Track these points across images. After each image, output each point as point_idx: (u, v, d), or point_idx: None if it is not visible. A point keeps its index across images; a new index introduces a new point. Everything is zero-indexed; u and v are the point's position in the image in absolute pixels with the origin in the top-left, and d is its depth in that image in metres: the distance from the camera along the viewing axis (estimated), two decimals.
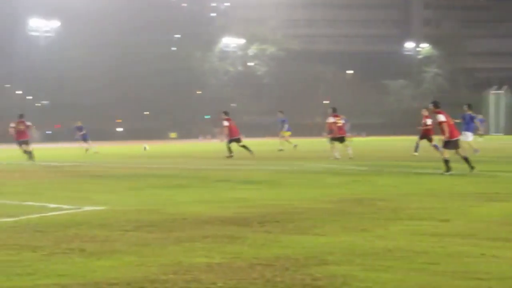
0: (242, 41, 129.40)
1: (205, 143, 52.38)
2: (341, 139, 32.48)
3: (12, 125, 34.47)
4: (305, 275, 7.22)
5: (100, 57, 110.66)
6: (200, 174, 23.50)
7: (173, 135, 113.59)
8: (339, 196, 15.17)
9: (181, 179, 20.98)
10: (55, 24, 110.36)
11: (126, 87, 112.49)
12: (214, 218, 11.64)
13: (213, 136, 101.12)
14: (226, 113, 36.57)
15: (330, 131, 32.84)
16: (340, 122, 32.97)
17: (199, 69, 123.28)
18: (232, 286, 6.86)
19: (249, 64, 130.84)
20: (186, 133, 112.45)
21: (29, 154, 33.34)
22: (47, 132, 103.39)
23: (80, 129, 48.45)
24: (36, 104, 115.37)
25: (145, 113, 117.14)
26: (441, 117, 21.44)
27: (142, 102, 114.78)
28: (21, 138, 34.17)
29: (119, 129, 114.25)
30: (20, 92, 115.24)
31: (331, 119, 32.60)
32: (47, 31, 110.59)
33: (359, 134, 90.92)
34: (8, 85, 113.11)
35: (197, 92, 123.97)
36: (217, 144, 49.77)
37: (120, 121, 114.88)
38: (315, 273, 7.30)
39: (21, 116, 35.13)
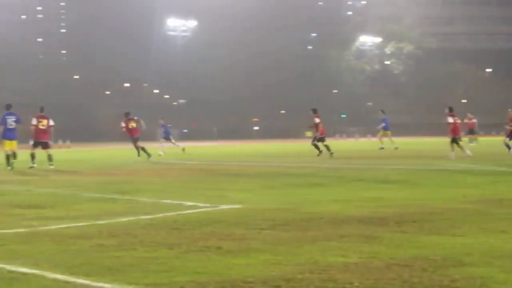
0: (378, 39, 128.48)
1: (341, 142, 52.08)
2: (455, 140, 31.86)
3: (123, 124, 35.00)
4: (443, 276, 6.99)
5: (236, 56, 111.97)
6: (336, 173, 23.33)
7: (308, 133, 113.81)
8: (478, 196, 14.72)
9: (317, 177, 20.87)
10: (192, 23, 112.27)
11: (262, 86, 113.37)
12: (350, 217, 11.47)
13: (349, 135, 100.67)
14: (315, 110, 36.26)
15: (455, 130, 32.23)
16: (458, 121, 32.55)
17: (335, 68, 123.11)
18: (368, 286, 6.70)
19: (385, 62, 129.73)
20: None
21: (143, 150, 34.12)
22: (183, 130, 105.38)
23: (164, 127, 48.02)
24: (173, 103, 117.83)
25: (281, 112, 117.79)
26: None
27: (278, 100, 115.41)
28: (135, 135, 34.85)
29: (256, 128, 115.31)
30: (157, 91, 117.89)
31: (450, 119, 32.00)
32: (184, 31, 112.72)
33: (497, 133, 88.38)
34: (146, 84, 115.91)
35: (333, 91, 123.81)
36: (354, 143, 49.33)
37: (256, 120, 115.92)
38: (453, 275, 7.06)
39: (127, 114, 35.67)
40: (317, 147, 35.12)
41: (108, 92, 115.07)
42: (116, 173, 24.51)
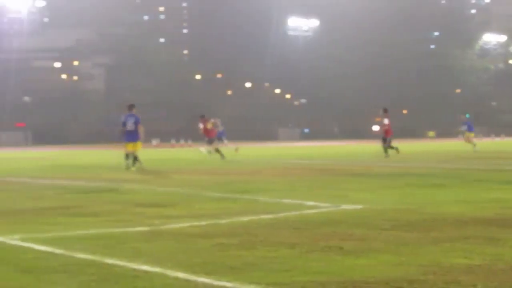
0: (503, 38, 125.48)
1: (462, 143, 51.24)
2: None
3: (201, 126, 36.00)
4: None
5: (357, 56, 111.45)
6: (457, 173, 22.92)
7: (431, 134, 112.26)
8: None
9: (438, 178, 20.54)
10: (313, 23, 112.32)
11: (384, 85, 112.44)
12: (474, 218, 11.22)
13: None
14: (386, 110, 35.51)
15: None
16: None
17: (458, 67, 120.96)
18: None
19: (510, 62, 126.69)
20: (444, 132, 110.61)
21: (217, 151, 34.86)
22: (305, 130, 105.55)
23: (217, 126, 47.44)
24: (294, 103, 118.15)
25: (403, 111, 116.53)
26: None
27: (400, 100, 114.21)
28: (211, 136, 35.93)
29: (375, 128, 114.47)
30: (279, 90, 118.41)
31: None
32: (305, 30, 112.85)
33: None
34: (267, 84, 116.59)
35: (456, 91, 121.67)
36: (479, 143, 48.27)
37: (378, 119, 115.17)
38: None
39: (203, 116, 36.90)
40: (386, 150, 34.60)
41: (229, 92, 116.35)
42: (237, 172, 24.69)
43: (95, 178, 22.11)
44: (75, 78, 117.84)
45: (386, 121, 35.14)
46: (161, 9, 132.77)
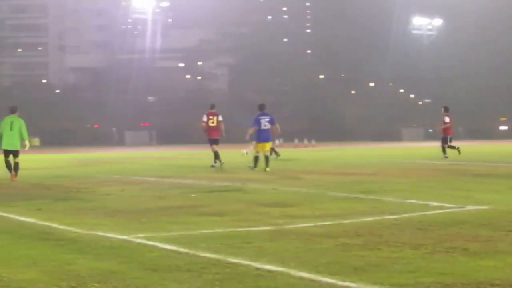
0: None
1: None
2: None
3: (204, 119, 29.16)
4: None
5: (481, 55, 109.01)
6: None
7: None
8: None
9: None
10: (437, 22, 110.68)
11: (509, 84, 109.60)
12: None
13: None
14: (446, 108, 34.30)
15: None
16: None
17: None
18: None
19: None
20: None
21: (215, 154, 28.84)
22: (429, 130, 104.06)
23: None
24: (419, 103, 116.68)
25: None
26: None
27: None
28: (211, 135, 29.11)
29: (503, 128, 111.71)
30: (402, 90, 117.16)
31: None
32: (429, 29, 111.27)
33: None
34: (391, 84, 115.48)
35: None
36: None
37: (504, 119, 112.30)
38: None
39: (212, 106, 29.89)
40: (445, 151, 33.56)
41: (353, 92, 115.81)
42: (361, 172, 24.58)
43: (219, 178, 22.41)
44: (199, 78, 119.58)
45: (446, 119, 34.32)
46: (285, 9, 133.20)
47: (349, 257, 8.22)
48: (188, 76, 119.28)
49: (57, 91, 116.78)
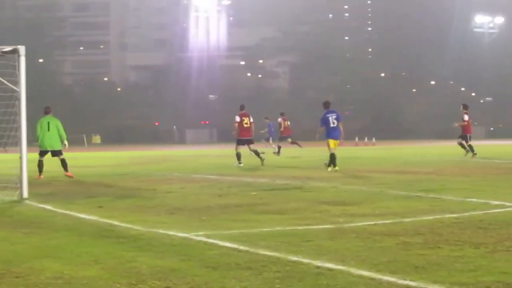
0: None
1: None
2: None
3: (237, 119, 29.22)
4: None
5: None
6: None
7: None
8: None
9: None
10: (499, 20, 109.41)
11: None
12: None
13: None
14: (465, 106, 33.55)
15: None
16: None
17: None
18: None
19: None
20: None
21: (256, 154, 29.36)
22: (490, 128, 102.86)
23: (268, 126, 45.37)
24: (480, 101, 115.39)
25: None
26: None
27: None
28: (245, 136, 29.34)
29: None
30: (463, 88, 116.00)
31: None
32: (491, 28, 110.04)
33: None
34: (452, 82, 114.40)
35: None
36: None
37: None
38: None
39: (242, 107, 30.27)
40: (466, 147, 32.83)
41: (414, 90, 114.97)
42: (421, 171, 24.40)
43: (279, 176, 22.43)
44: (260, 76, 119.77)
45: (465, 117, 33.66)
46: (346, 7, 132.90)
47: (409, 255, 8.19)
48: (249, 74, 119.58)
49: (119, 89, 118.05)
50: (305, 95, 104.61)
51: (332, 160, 25.48)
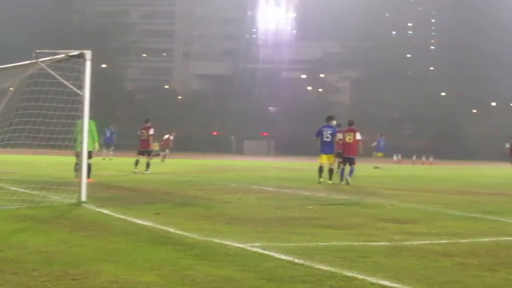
0: None
1: None
2: None
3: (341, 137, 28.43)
4: None
5: None
6: None
7: None
8: None
9: None
10: None
11: None
12: None
13: None
14: None
15: None
16: None
17: None
18: None
19: None
20: None
21: (146, 165, 31.10)
22: None
23: (106, 133, 45.94)
24: None
25: None
26: None
27: None
28: (142, 147, 32.01)
29: None
30: None
31: None
32: None
33: None
34: None
35: None
36: None
37: None
38: None
39: (147, 121, 32.90)
40: None
41: (474, 111, 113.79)
42: (481, 192, 24.15)
43: (337, 191, 22.39)
44: (320, 90, 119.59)
45: None
46: (410, 24, 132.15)
47: (465, 276, 8.13)
48: (309, 88, 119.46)
49: (179, 97, 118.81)
50: (365, 110, 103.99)
51: (319, 172, 26.28)
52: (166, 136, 48.74)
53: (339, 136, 27.11)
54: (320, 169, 26.47)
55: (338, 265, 8.57)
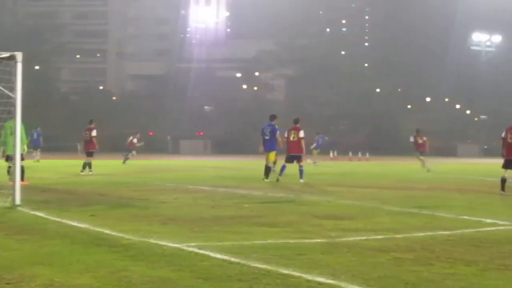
0: None
1: None
2: None
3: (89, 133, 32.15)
4: None
5: None
6: None
7: None
8: None
9: None
10: (497, 38, 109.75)
11: None
12: None
13: None
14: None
15: None
16: None
17: None
18: None
19: None
20: None
21: (87, 166, 31.31)
22: (484, 147, 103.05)
23: (33, 135, 46.83)
24: (474, 119, 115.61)
25: None
26: None
27: None
28: (85, 148, 32.44)
29: None
30: (459, 106, 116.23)
31: None
32: (488, 46, 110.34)
33: None
34: (447, 99, 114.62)
35: None
36: None
37: None
38: None
39: (90, 122, 33.06)
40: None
41: (409, 106, 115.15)
42: (416, 187, 24.41)
43: (273, 189, 22.46)
44: (255, 88, 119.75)
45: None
46: (343, 21, 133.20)
47: (400, 271, 8.20)
48: (245, 87, 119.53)
49: (114, 98, 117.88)
50: (301, 108, 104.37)
51: (266, 171, 26.70)
52: (130, 138, 48.82)
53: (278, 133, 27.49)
54: (267, 168, 26.88)
55: (274, 263, 8.58)
